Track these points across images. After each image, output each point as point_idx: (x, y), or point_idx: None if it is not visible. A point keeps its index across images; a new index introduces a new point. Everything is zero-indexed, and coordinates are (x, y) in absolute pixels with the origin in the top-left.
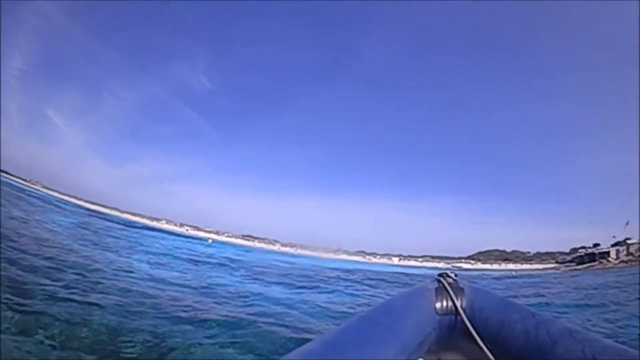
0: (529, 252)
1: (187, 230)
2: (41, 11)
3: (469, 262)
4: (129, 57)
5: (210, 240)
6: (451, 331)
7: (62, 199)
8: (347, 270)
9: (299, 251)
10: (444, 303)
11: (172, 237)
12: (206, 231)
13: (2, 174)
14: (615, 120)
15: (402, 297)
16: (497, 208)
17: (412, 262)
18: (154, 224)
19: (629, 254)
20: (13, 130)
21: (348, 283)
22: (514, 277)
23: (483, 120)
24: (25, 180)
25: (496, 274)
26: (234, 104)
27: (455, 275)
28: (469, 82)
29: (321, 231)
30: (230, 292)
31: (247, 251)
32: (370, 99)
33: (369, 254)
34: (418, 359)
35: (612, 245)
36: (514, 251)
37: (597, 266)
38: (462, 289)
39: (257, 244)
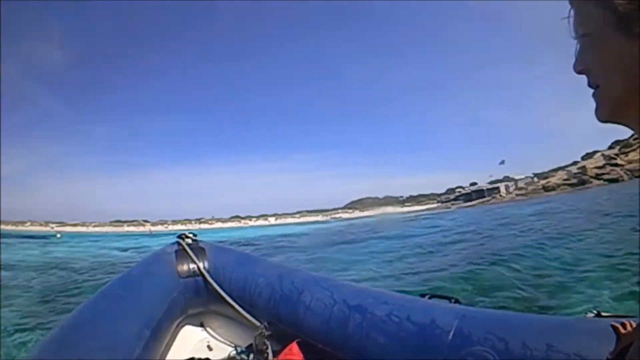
0: (401, 197)
1: (52, 227)
2: None
3: (347, 212)
4: None
5: (59, 235)
6: (197, 292)
7: None
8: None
9: (170, 227)
10: (186, 265)
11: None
12: (72, 225)
13: None
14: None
15: (142, 265)
16: (358, 160)
17: (290, 220)
18: (18, 228)
19: (518, 188)
20: None
21: None
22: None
23: (341, 83)
24: None
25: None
26: (89, 76)
27: (195, 235)
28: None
29: (192, 203)
30: None
31: (95, 241)
32: (223, 65)
33: (243, 218)
34: (174, 324)
35: (491, 183)
36: (386, 197)
37: (492, 201)
38: (203, 249)
39: (126, 228)
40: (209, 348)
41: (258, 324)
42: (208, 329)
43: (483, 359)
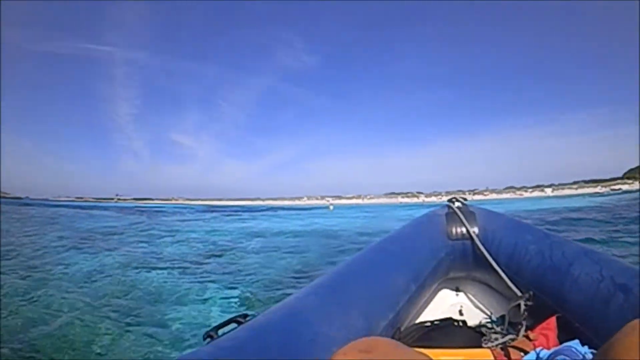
0: None
1: (327, 200)
2: (130, 61)
3: (626, 182)
4: (230, 64)
5: (331, 207)
6: (465, 256)
7: (202, 204)
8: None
9: (444, 198)
10: (456, 228)
11: (284, 212)
12: (347, 197)
13: (144, 201)
14: None
15: (414, 225)
16: (630, 118)
17: (567, 191)
18: (295, 202)
19: None
20: (144, 164)
21: None
22: None
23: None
24: (166, 200)
25: None
26: (339, 68)
27: (465, 199)
28: None
29: (464, 174)
30: None
31: (368, 212)
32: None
33: (518, 189)
34: (434, 285)
35: None
36: None
37: None
38: (473, 213)
39: (400, 199)
40: (460, 313)
41: (519, 293)
42: (465, 293)
43: None
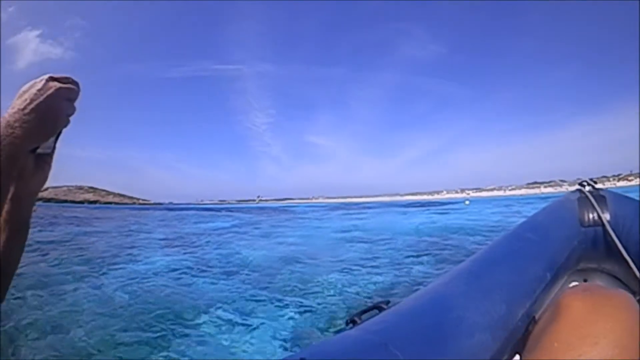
0: None
1: (467, 194)
2: (259, 74)
3: None
4: (355, 63)
5: (467, 202)
6: (596, 244)
7: (340, 202)
8: None
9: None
10: (587, 214)
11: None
12: (488, 190)
13: (287, 201)
14: None
15: (546, 211)
16: None
17: None
18: (434, 197)
19: None
20: (283, 166)
21: None
22: None
23: None
24: (306, 199)
25: None
26: (467, 52)
27: (595, 182)
28: None
29: (607, 158)
30: None
31: (507, 205)
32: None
33: None
34: (565, 275)
35: None
36: None
37: None
38: (604, 197)
39: (542, 190)
40: None
41: None
42: None
43: None
